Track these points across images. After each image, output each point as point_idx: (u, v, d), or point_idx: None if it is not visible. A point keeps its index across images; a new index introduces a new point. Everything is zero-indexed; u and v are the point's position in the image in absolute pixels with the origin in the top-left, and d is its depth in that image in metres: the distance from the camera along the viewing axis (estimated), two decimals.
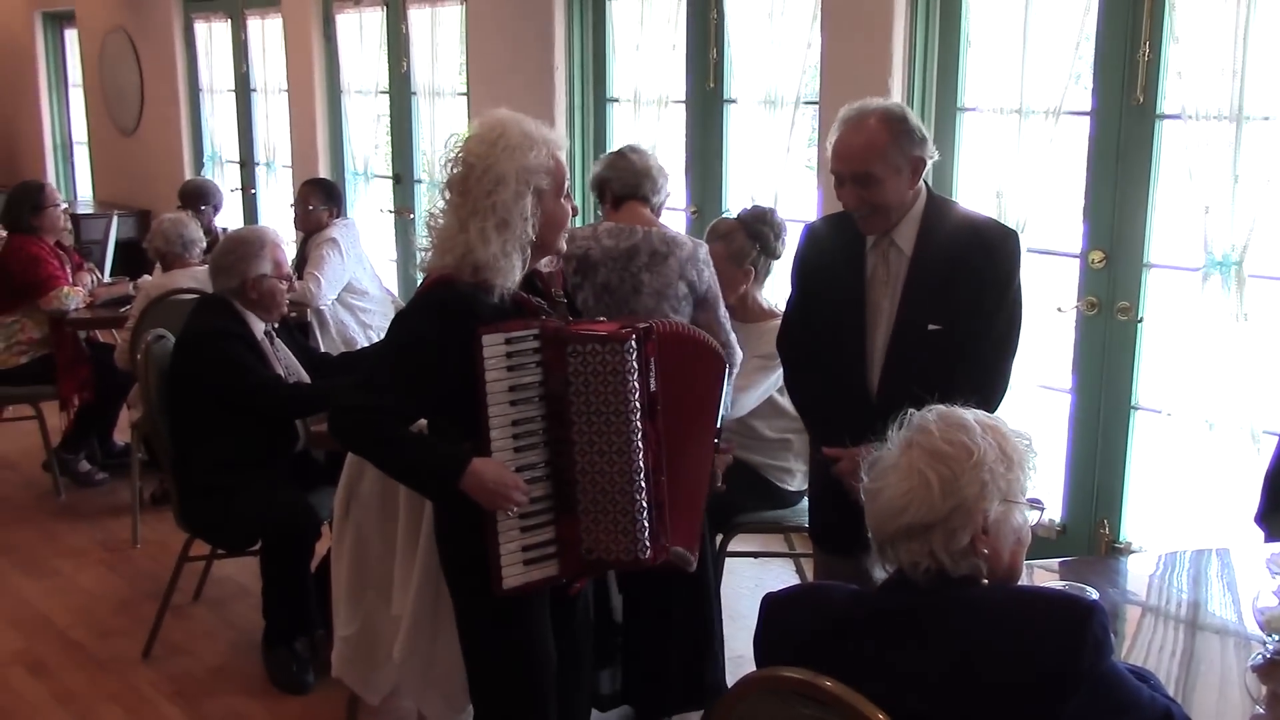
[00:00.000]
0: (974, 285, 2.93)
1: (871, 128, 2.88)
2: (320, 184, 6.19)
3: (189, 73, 9.13)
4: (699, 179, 5.66)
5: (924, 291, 2.94)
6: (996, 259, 2.95)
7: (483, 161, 2.52)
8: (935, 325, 2.92)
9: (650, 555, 2.62)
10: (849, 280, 3.03)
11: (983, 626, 1.80)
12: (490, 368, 2.47)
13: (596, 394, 2.53)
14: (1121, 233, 4.19)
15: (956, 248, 2.95)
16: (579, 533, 2.60)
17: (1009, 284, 2.98)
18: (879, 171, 2.87)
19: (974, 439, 1.85)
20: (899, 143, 2.88)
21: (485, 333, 2.46)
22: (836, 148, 2.94)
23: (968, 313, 2.93)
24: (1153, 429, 4.19)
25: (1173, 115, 4.01)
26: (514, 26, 6.21)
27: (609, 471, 2.55)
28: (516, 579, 2.56)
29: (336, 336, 5.73)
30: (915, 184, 2.94)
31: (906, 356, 2.95)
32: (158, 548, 5.04)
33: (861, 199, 2.90)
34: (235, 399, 3.90)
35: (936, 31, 4.58)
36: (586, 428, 2.54)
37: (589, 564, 2.66)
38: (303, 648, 4.00)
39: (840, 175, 2.93)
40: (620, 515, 2.57)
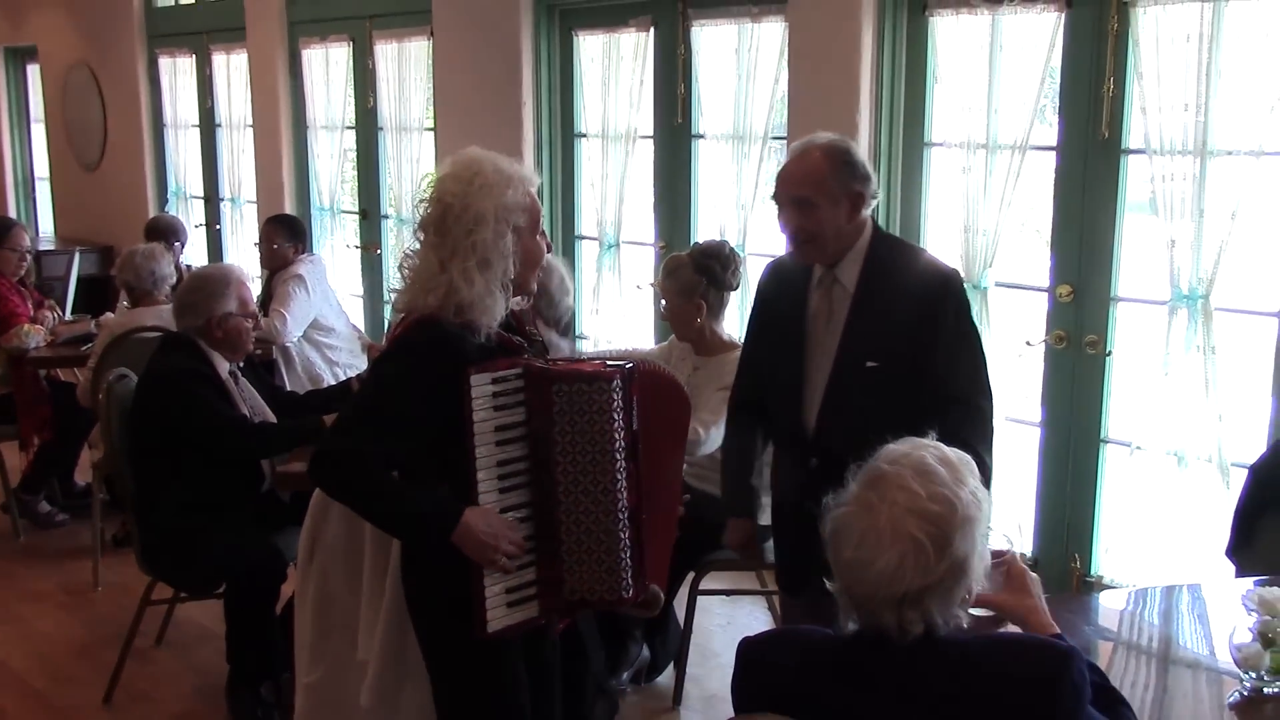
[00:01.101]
0: (912, 323, 2.93)
1: (814, 157, 2.94)
2: (284, 221, 6.14)
3: (153, 107, 9.07)
4: (667, 214, 5.66)
5: (864, 329, 2.95)
6: (935, 297, 2.94)
7: (460, 200, 2.49)
8: (873, 362, 2.92)
9: (632, 594, 2.61)
10: (792, 315, 3.05)
11: (962, 676, 1.78)
12: (477, 408, 2.44)
13: (582, 433, 2.50)
14: (1089, 266, 4.21)
15: (899, 286, 2.96)
16: (562, 573, 2.57)
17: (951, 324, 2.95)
18: (815, 198, 2.90)
19: (951, 488, 1.81)
20: (839, 174, 2.92)
21: (473, 372, 2.43)
22: (779, 173, 3.02)
23: (909, 353, 2.92)
24: (1122, 462, 4.20)
25: (1138, 150, 4.04)
26: (481, 61, 6.20)
27: (594, 511, 2.52)
28: (500, 622, 2.52)
29: (303, 374, 5.67)
30: (854, 218, 2.95)
31: (845, 395, 2.96)
32: (119, 591, 4.95)
33: (798, 225, 2.93)
34: (200, 439, 3.84)
35: (903, 67, 4.60)
36: (571, 467, 2.52)
37: (571, 605, 2.64)
38: (268, 692, 3.93)
39: (779, 199, 2.98)
40: (605, 555, 2.55)
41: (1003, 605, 2.07)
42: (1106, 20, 4.04)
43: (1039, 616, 2.06)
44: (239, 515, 3.90)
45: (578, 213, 6.14)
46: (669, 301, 4.08)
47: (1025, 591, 2.07)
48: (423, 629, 2.69)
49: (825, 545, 1.87)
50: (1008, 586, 2.04)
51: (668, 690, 4.13)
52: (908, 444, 1.89)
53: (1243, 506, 3.54)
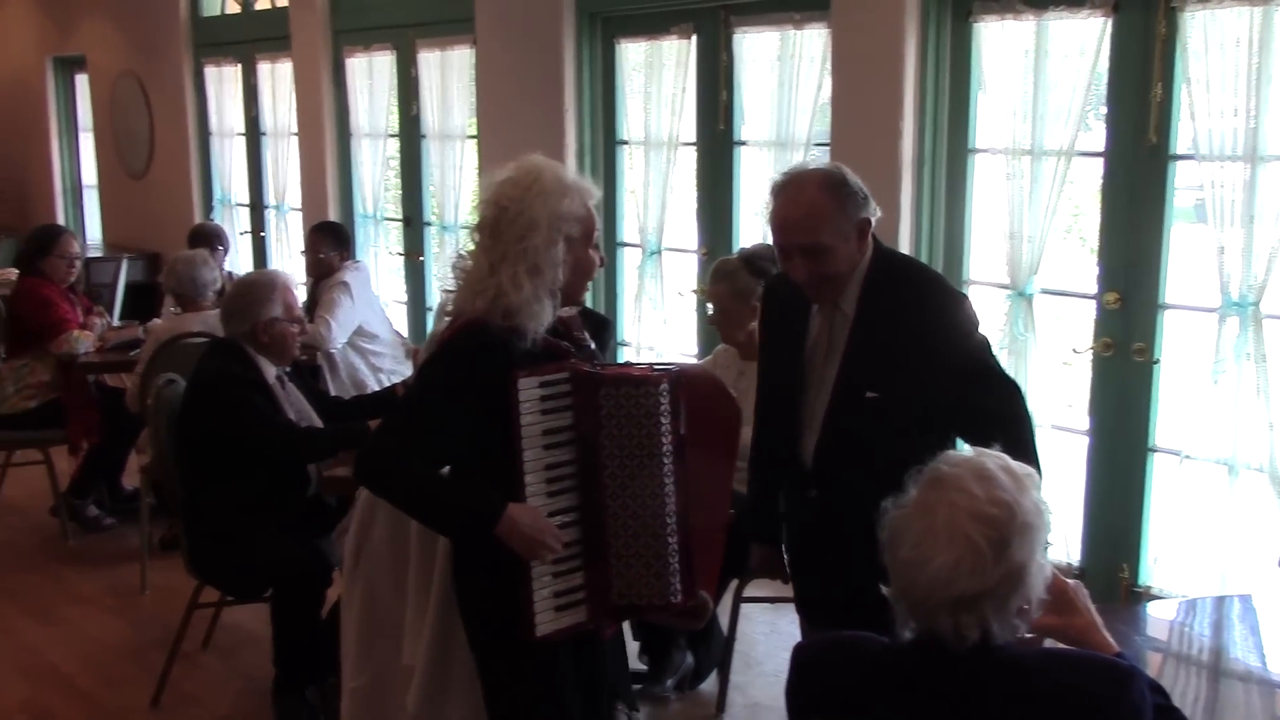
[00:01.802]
0: (915, 352, 2.70)
1: (812, 195, 2.66)
2: (329, 229, 6.19)
3: (199, 116, 9.17)
4: (710, 221, 5.66)
5: (863, 357, 2.74)
6: (940, 323, 2.73)
7: (515, 205, 2.51)
8: (873, 393, 2.71)
9: (681, 599, 2.60)
10: (792, 343, 2.86)
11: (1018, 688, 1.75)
12: (525, 411, 2.45)
13: (629, 437, 2.51)
14: (1137, 273, 4.17)
15: (899, 312, 2.73)
16: (610, 577, 2.57)
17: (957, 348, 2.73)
18: (828, 240, 2.66)
19: (1013, 496, 1.79)
20: (844, 207, 2.67)
21: (521, 376, 2.44)
22: (776, 220, 2.72)
23: (909, 384, 2.70)
24: (1171, 471, 4.15)
25: (1186, 155, 4.00)
26: (524, 69, 6.23)
27: (641, 515, 2.53)
28: (549, 626, 2.52)
29: (347, 380, 5.72)
30: (864, 247, 2.74)
31: (844, 425, 2.76)
32: (167, 594, 5.00)
33: (812, 271, 2.69)
34: (247, 444, 3.87)
35: (947, 73, 4.58)
36: (619, 471, 2.52)
37: (619, 609, 2.64)
38: (313, 696, 3.95)
39: (785, 249, 2.72)
40: (653, 559, 2.55)
41: (1053, 628, 1.99)
42: (1154, 25, 4.01)
43: (1096, 635, 1.99)
44: (285, 519, 3.93)
45: (620, 220, 6.15)
46: (721, 305, 4.05)
47: (1075, 610, 2.00)
48: (473, 633, 2.70)
49: (883, 547, 1.85)
50: (1054, 606, 1.95)
51: (710, 697, 4.12)
52: (971, 451, 1.87)
53: None
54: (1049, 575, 1.86)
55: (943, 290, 2.84)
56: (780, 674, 4.37)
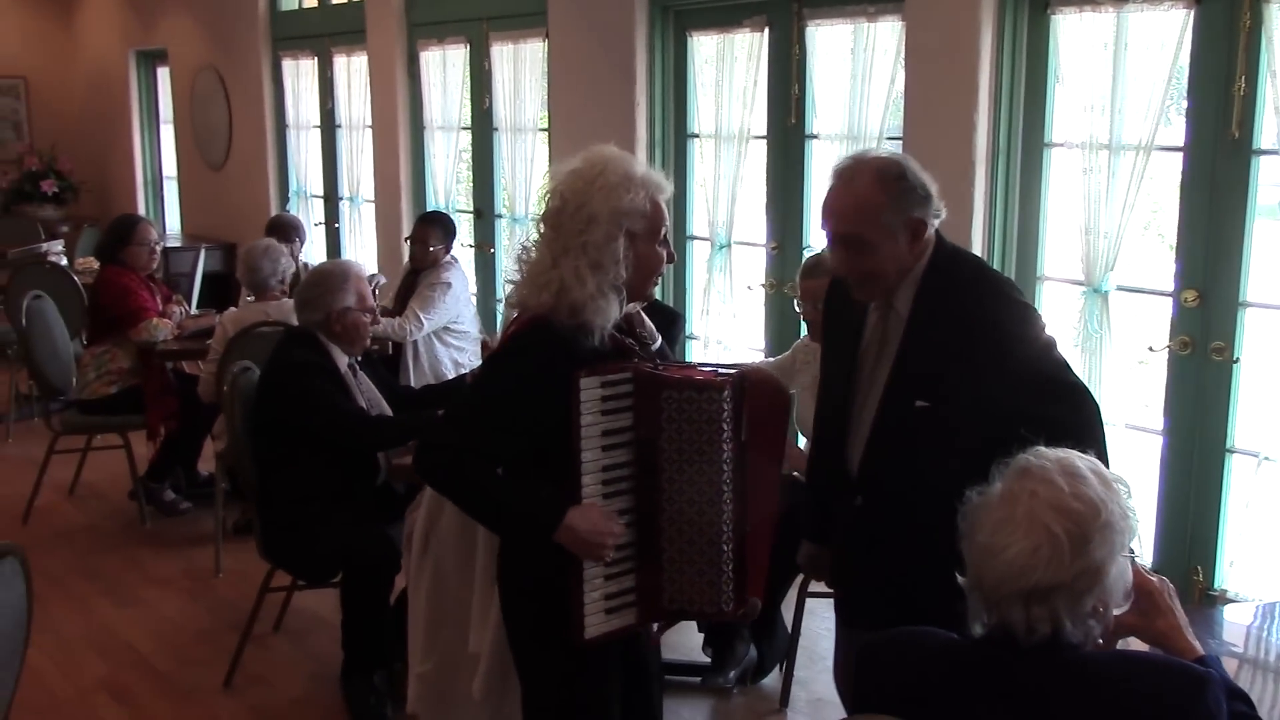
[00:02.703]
0: (969, 361, 2.52)
1: (864, 185, 2.50)
2: (439, 221, 6.16)
3: (276, 109, 9.31)
4: (780, 215, 5.64)
5: (915, 364, 2.57)
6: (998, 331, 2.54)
7: (577, 198, 2.46)
8: (922, 402, 2.54)
9: (733, 608, 2.56)
10: (847, 345, 2.72)
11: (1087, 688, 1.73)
12: (585, 411, 2.41)
13: (690, 441, 2.46)
14: (1216, 270, 4.08)
15: (956, 317, 2.55)
16: (662, 582, 2.53)
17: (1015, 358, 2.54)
18: (870, 235, 2.50)
19: (1099, 494, 1.77)
20: (896, 203, 2.50)
21: (583, 376, 2.40)
22: (826, 202, 2.57)
23: (961, 396, 2.52)
24: (1249, 473, 4.06)
25: (1270, 150, 3.91)
26: (596, 62, 6.25)
27: (698, 521, 2.49)
28: (598, 628, 2.50)
29: (429, 370, 5.78)
30: (916, 247, 2.55)
31: (892, 434, 2.61)
32: (239, 577, 5.10)
33: (851, 264, 2.55)
34: (318, 432, 3.93)
35: (1024, 66, 4.52)
36: (677, 475, 2.48)
37: (669, 614, 2.60)
38: (381, 681, 4.00)
39: (829, 236, 2.58)
40: (707, 566, 2.51)
41: (1135, 627, 1.96)
42: (1238, 17, 3.92)
43: (1179, 638, 1.95)
44: (355, 506, 3.99)
45: (690, 213, 6.15)
46: (815, 300, 4.00)
47: (1159, 611, 1.96)
48: (517, 632, 2.66)
49: (962, 536, 1.84)
50: (1138, 606, 1.92)
51: (774, 691, 4.11)
52: (1062, 451, 1.84)
53: None
54: (1130, 580, 1.83)
55: (1004, 296, 2.62)
56: None
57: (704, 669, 4.10)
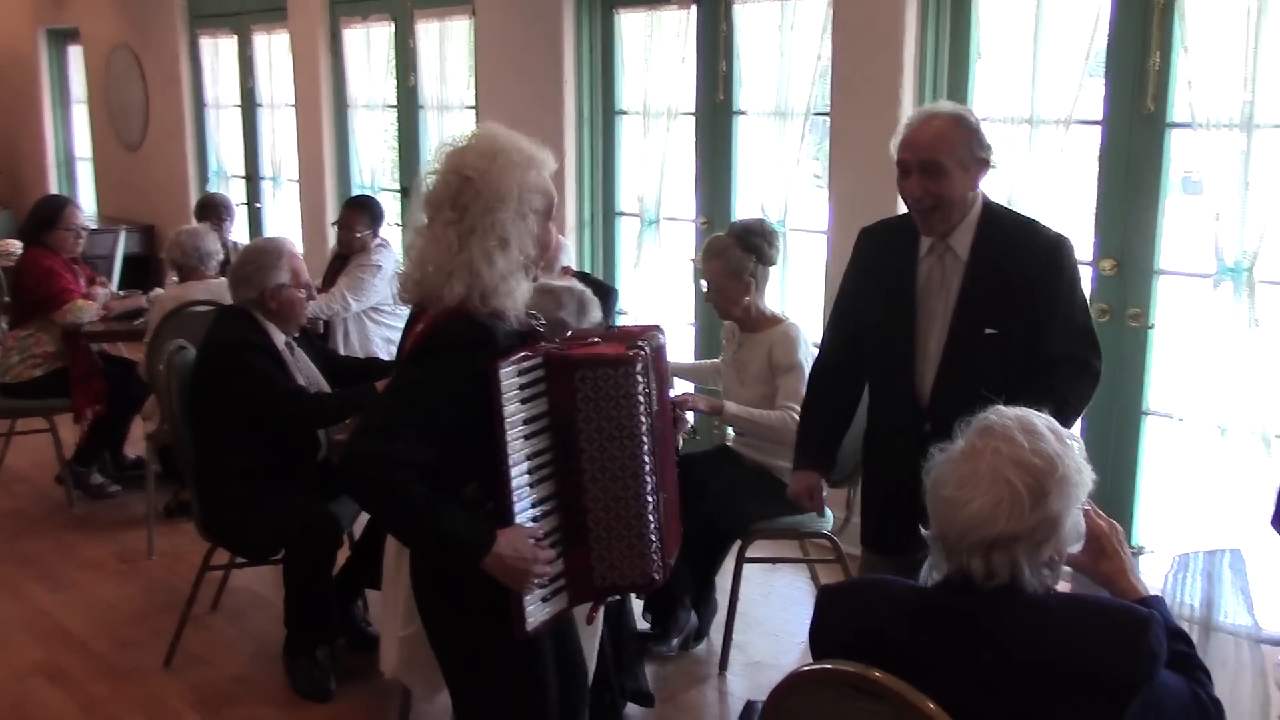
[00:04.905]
0: (1029, 291, 2.96)
1: (942, 123, 2.95)
2: (365, 206, 6.12)
3: (194, 88, 9.18)
4: (708, 191, 5.71)
5: (980, 296, 2.98)
6: (1050, 265, 2.98)
7: (482, 176, 2.36)
8: (992, 329, 2.95)
9: (662, 576, 2.55)
10: (902, 284, 3.06)
11: (1045, 634, 1.82)
12: (507, 401, 2.32)
13: (607, 419, 2.41)
14: (1132, 240, 4.24)
15: (1013, 253, 2.98)
16: (591, 561, 2.49)
17: (1066, 289, 3.00)
18: (947, 163, 2.92)
19: (1056, 450, 1.87)
20: (969, 141, 2.95)
21: (500, 366, 2.31)
22: (906, 138, 2.99)
23: (1025, 318, 2.96)
24: (1165, 434, 4.23)
25: (1183, 124, 4.06)
26: (523, 40, 6.26)
27: (622, 496, 2.45)
28: (537, 618, 2.45)
29: (359, 349, 5.78)
30: (975, 186, 2.99)
31: (962, 361, 2.99)
32: (173, 559, 5.06)
33: (926, 189, 2.94)
34: (258, 409, 3.92)
35: (947, 42, 4.63)
36: (597, 454, 2.43)
37: (601, 591, 2.57)
38: (324, 656, 4.02)
39: (907, 164, 2.97)
40: (635, 540, 2.47)
41: (1084, 567, 2.09)
42: None
43: (1124, 580, 2.08)
44: (296, 482, 3.99)
45: (618, 190, 6.20)
46: (716, 283, 4.08)
47: (1107, 554, 2.08)
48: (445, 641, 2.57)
49: (927, 490, 1.93)
50: (1088, 548, 2.03)
51: (712, 656, 4.20)
52: (1020, 409, 1.95)
53: None
54: (1083, 527, 1.94)
55: (1051, 233, 3.05)
56: (778, 633, 4.49)
57: (645, 636, 4.17)
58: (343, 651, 4.13)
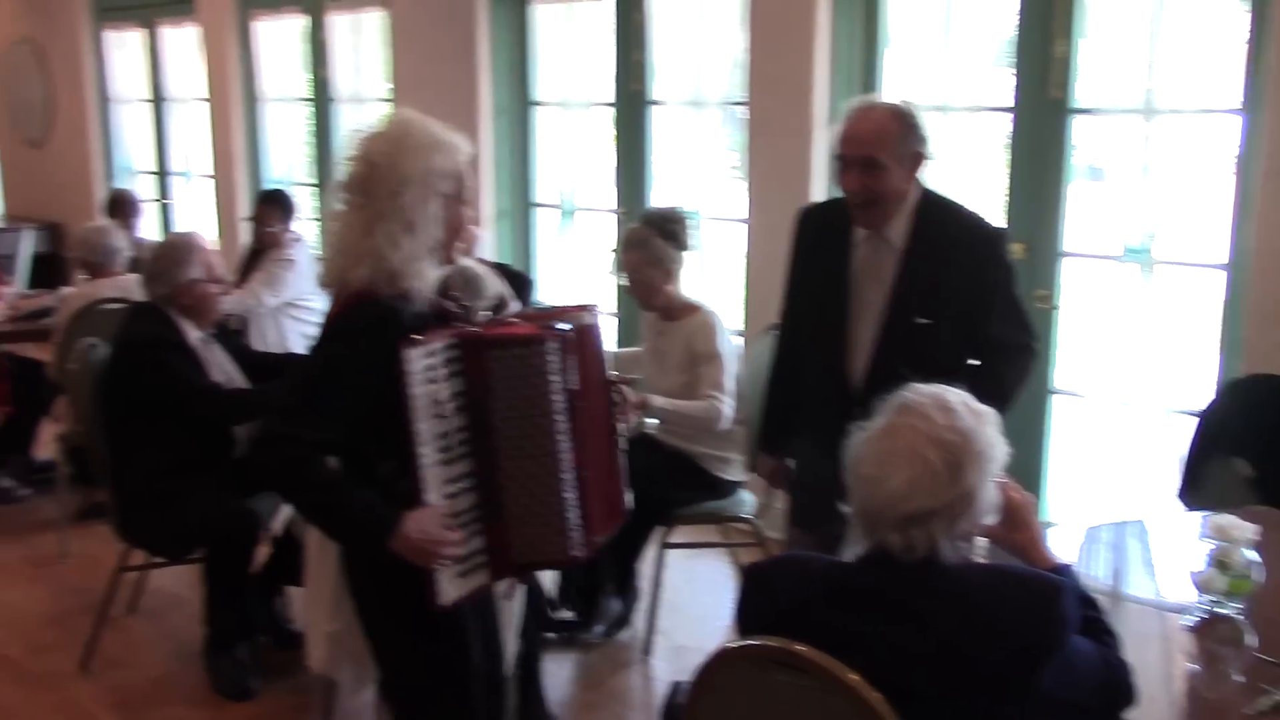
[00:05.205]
0: (962, 282, 3.00)
1: (881, 117, 2.96)
2: (278, 200, 6.06)
3: (99, 83, 8.99)
4: (625, 181, 5.72)
5: (914, 286, 3.01)
6: (983, 256, 3.03)
7: (388, 160, 2.41)
8: (924, 319, 2.99)
9: (581, 553, 2.59)
10: (836, 269, 3.09)
11: (962, 603, 1.87)
12: (415, 383, 2.36)
13: (521, 398, 2.46)
14: (1040, 224, 4.33)
15: (945, 244, 3.01)
16: (510, 538, 2.52)
17: (1004, 280, 3.05)
18: (885, 159, 2.93)
19: (970, 426, 1.91)
20: (906, 135, 2.96)
21: (408, 348, 2.35)
22: (844, 133, 2.99)
23: (958, 310, 3.00)
24: (1071, 412, 4.34)
25: (1087, 110, 4.16)
26: (436, 32, 6.22)
27: (537, 474, 2.49)
28: (452, 593, 2.49)
29: (276, 345, 5.70)
30: (912, 179, 3.01)
31: (894, 349, 3.01)
32: (87, 562, 4.96)
33: (864, 185, 2.95)
34: (174, 407, 3.87)
35: (859, 30, 4.70)
36: (512, 433, 2.47)
37: (521, 568, 2.62)
38: (245, 654, 3.97)
39: (846, 159, 2.98)
40: (552, 517, 2.52)
41: (1001, 540, 2.13)
42: None
43: (1037, 550, 2.13)
44: (214, 479, 3.93)
45: (535, 181, 6.20)
46: (636, 273, 4.09)
47: (1020, 525, 2.13)
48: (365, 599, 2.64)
49: (847, 468, 1.97)
50: (1003, 521, 2.08)
51: (637, 641, 4.22)
52: (936, 386, 1.99)
53: (1192, 451, 3.71)
54: (997, 501, 1.99)
55: (987, 225, 3.11)
56: (702, 617, 4.52)
57: (570, 624, 4.18)
58: (265, 649, 4.09)
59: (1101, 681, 1.97)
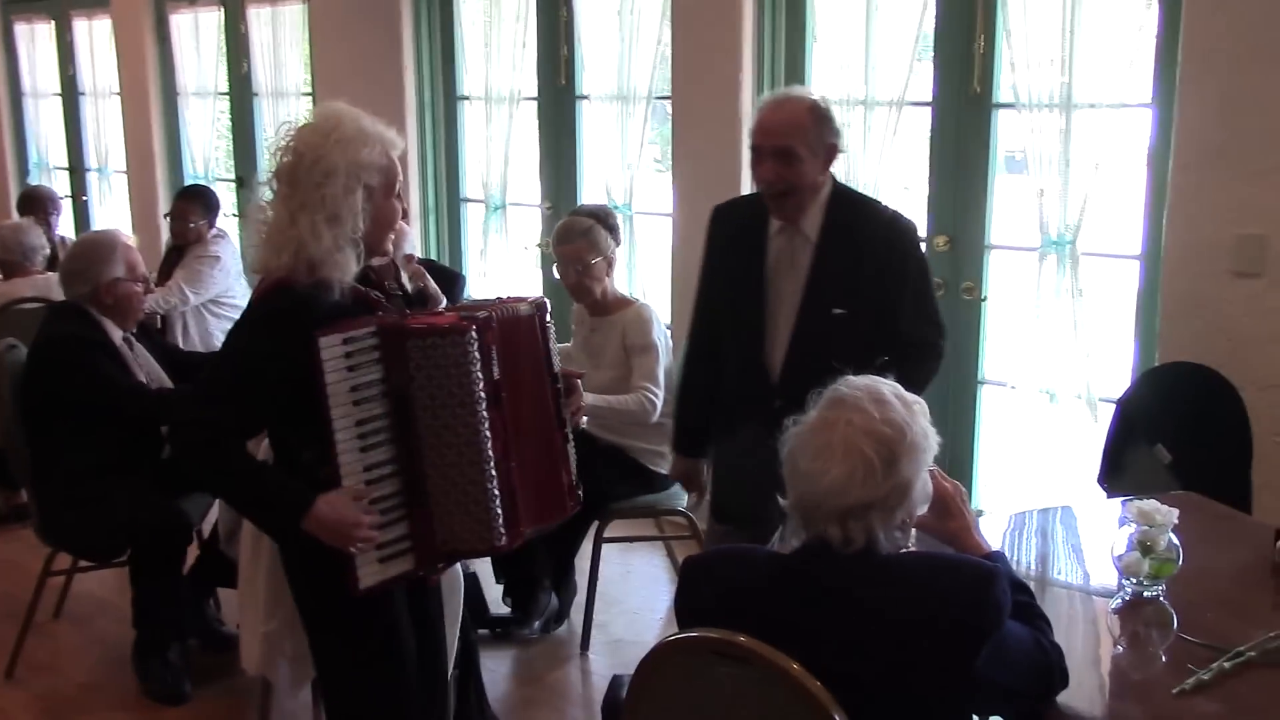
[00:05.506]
0: (876, 272, 3.07)
1: (794, 109, 3.04)
2: (200, 195, 5.98)
3: (9, 77, 8.78)
4: (552, 175, 5.72)
5: (828, 277, 3.07)
6: (897, 248, 3.10)
7: (314, 152, 2.45)
8: (839, 309, 3.05)
9: (506, 542, 2.59)
10: (752, 262, 3.14)
11: (899, 591, 1.91)
12: (329, 370, 2.40)
13: (440, 387, 2.48)
14: (964, 217, 4.41)
15: (860, 235, 3.08)
16: (434, 526, 2.55)
17: (914, 272, 3.12)
18: (799, 149, 3.00)
19: (904, 418, 1.95)
20: (819, 127, 3.04)
21: (321, 335, 2.39)
22: (759, 124, 3.06)
23: (873, 300, 3.06)
24: (999, 401, 4.43)
25: (1007, 104, 4.24)
26: (359, 26, 6.17)
27: (458, 463, 2.51)
28: (372, 578, 2.51)
29: (199, 342, 5.63)
30: (826, 171, 3.08)
31: (811, 340, 3.08)
32: (9, 567, 4.86)
33: (779, 175, 3.01)
34: (97, 406, 3.80)
35: (783, 25, 4.74)
36: (433, 421, 2.49)
37: (445, 555, 2.64)
38: (176, 656, 3.91)
39: (760, 150, 3.04)
40: (473, 505, 2.53)
41: (933, 529, 2.18)
42: None
43: (970, 538, 2.19)
44: (141, 480, 3.87)
45: (462, 176, 6.17)
46: (580, 264, 4.08)
47: (952, 514, 2.19)
48: (300, 587, 2.69)
49: (782, 461, 1.99)
50: (935, 510, 2.14)
51: (574, 636, 4.24)
52: (867, 378, 2.03)
53: (1111, 438, 3.81)
54: (930, 489, 2.03)
55: (902, 221, 3.19)
56: (638, 611, 4.54)
57: (507, 620, 4.18)
58: (195, 653, 4.03)
59: (1036, 665, 2.02)
